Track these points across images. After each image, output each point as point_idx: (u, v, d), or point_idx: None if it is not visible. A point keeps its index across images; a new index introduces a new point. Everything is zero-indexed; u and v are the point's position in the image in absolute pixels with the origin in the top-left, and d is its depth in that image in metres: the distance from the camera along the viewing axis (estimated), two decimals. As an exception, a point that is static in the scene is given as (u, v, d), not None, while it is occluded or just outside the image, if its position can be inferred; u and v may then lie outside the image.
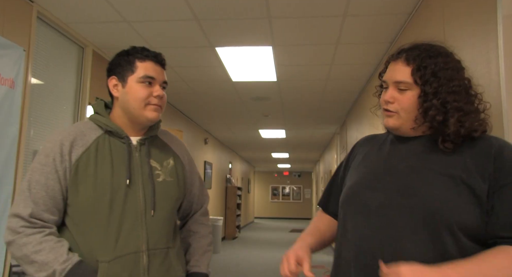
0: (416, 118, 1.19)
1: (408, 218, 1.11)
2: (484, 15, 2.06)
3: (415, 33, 3.25)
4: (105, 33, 3.86)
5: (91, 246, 1.36)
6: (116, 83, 1.50)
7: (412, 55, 1.21)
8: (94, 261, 1.35)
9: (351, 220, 1.23)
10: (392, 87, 1.23)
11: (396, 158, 1.24)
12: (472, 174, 1.11)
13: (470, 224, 1.07)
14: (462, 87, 1.18)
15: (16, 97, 2.95)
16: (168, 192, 1.53)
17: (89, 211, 1.38)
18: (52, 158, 1.38)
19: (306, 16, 3.45)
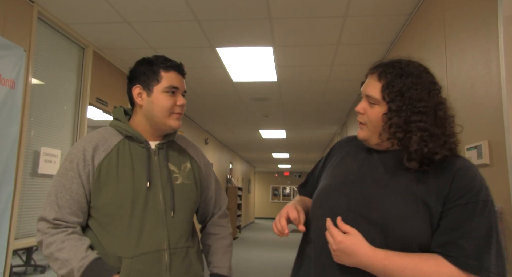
0: (380, 134, 1.25)
1: (366, 227, 1.18)
2: (484, 15, 2.06)
3: (416, 34, 3.24)
4: (106, 34, 3.86)
5: (114, 244, 1.43)
6: (140, 92, 1.56)
7: (385, 72, 1.25)
8: (117, 258, 1.41)
9: (317, 220, 1.31)
10: (364, 100, 1.29)
11: (368, 168, 1.29)
12: (431, 194, 1.16)
13: (422, 240, 1.14)
14: (430, 108, 1.20)
15: (16, 97, 2.95)
16: (186, 194, 1.59)
17: (112, 212, 1.45)
18: (76, 163, 1.47)
19: (306, 16, 3.45)
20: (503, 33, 1.86)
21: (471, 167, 1.20)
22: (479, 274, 1.07)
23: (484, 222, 1.11)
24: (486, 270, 1.07)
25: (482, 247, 1.09)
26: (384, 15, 3.39)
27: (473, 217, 1.11)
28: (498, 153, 1.91)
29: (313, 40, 3.98)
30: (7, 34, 2.92)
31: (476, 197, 1.13)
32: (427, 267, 1.10)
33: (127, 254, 1.42)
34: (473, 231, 1.10)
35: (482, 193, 1.14)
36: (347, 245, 1.15)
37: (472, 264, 1.08)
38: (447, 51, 2.54)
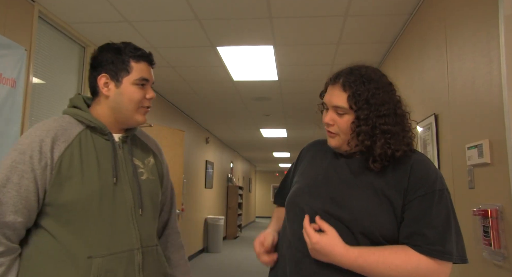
0: (349, 142, 1.30)
1: (335, 224, 1.24)
2: (485, 14, 2.06)
3: (417, 33, 3.24)
4: (106, 33, 3.87)
5: (80, 244, 1.31)
6: (107, 82, 1.44)
7: (348, 81, 1.29)
8: (85, 258, 1.30)
9: (290, 222, 1.37)
10: (331, 111, 1.33)
11: (334, 170, 1.36)
12: (392, 188, 1.25)
13: (387, 232, 1.22)
14: (391, 110, 1.27)
15: (17, 96, 2.95)
16: (152, 190, 1.52)
17: (78, 210, 1.32)
18: (29, 155, 1.30)
19: (307, 15, 3.45)
20: (503, 32, 1.86)
21: (425, 160, 1.30)
22: (443, 258, 1.17)
23: (442, 209, 1.21)
24: (449, 253, 1.17)
25: (443, 233, 1.19)
26: (385, 14, 3.39)
27: (432, 206, 1.21)
28: (499, 152, 1.91)
29: (314, 39, 3.98)
30: (8, 33, 2.93)
31: (432, 187, 1.22)
32: (397, 260, 1.17)
33: (99, 253, 1.31)
34: (434, 220, 1.19)
35: (437, 182, 1.24)
36: (322, 246, 1.19)
37: (437, 249, 1.17)
38: (448, 51, 2.54)
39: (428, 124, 2.84)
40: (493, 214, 1.89)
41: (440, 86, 2.66)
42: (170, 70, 5.00)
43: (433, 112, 2.77)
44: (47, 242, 1.32)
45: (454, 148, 2.43)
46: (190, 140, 8.09)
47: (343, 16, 3.44)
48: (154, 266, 1.46)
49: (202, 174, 9.29)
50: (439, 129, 2.69)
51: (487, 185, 2.04)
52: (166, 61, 4.64)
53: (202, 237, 9.55)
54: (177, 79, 5.42)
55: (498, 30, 1.91)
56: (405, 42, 3.59)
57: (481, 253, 2.03)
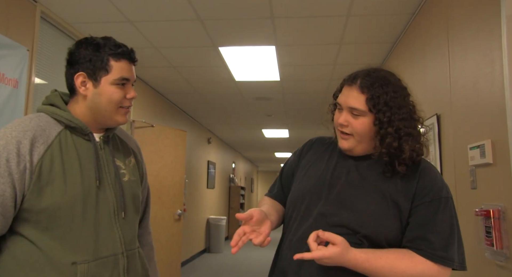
0: (375, 146, 1.28)
1: (340, 225, 1.25)
2: (487, 14, 2.05)
3: (419, 33, 3.24)
4: (108, 33, 3.83)
5: (63, 250, 1.25)
6: (84, 81, 1.37)
7: (366, 83, 1.27)
8: (69, 264, 1.24)
9: (294, 222, 1.36)
10: (346, 112, 1.31)
11: (341, 171, 1.35)
12: (400, 193, 1.25)
13: (392, 236, 1.23)
14: (409, 113, 1.29)
15: (19, 97, 2.96)
16: (134, 192, 1.47)
17: (61, 215, 1.25)
18: (5, 158, 1.20)
19: (309, 16, 3.45)
20: (506, 33, 1.86)
21: (432, 168, 1.32)
22: (446, 264, 1.19)
23: (447, 216, 1.23)
24: (451, 260, 1.19)
25: (446, 240, 1.21)
26: (387, 14, 3.39)
27: (437, 213, 1.22)
28: (501, 152, 1.91)
29: (316, 40, 3.98)
30: (10, 34, 2.93)
31: (439, 194, 1.24)
32: (403, 265, 1.19)
33: (83, 259, 1.26)
34: (438, 226, 1.21)
35: (443, 190, 1.26)
36: (330, 260, 1.17)
37: (440, 255, 1.19)
38: (450, 51, 2.54)
39: (430, 124, 2.83)
40: (495, 214, 1.89)
41: (442, 86, 2.66)
42: (172, 70, 5.00)
43: (435, 112, 2.76)
44: (25, 249, 1.24)
45: (456, 148, 2.42)
46: (192, 140, 8.10)
47: (345, 16, 3.44)
48: (137, 269, 1.43)
49: (204, 174, 9.30)
50: (441, 129, 2.68)
51: (489, 185, 2.04)
52: (168, 61, 4.64)
53: (204, 237, 9.56)
54: (179, 80, 5.42)
55: (500, 30, 1.90)
56: (407, 42, 3.59)
57: (483, 254, 2.02)
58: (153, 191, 5.22)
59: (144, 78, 5.41)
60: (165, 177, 5.47)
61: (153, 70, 5.06)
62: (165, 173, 5.47)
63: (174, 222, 5.59)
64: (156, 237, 5.14)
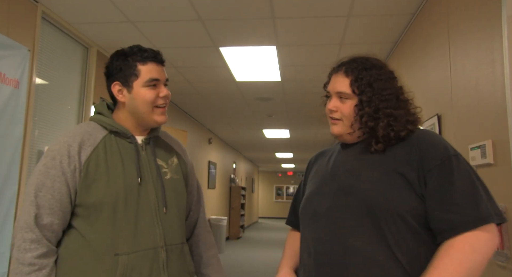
0: (352, 125, 1.32)
1: (351, 216, 1.22)
2: (488, 15, 2.05)
3: (420, 34, 3.24)
4: (110, 34, 3.87)
5: (106, 242, 1.37)
6: (120, 89, 1.50)
7: (351, 67, 1.34)
8: (111, 255, 1.36)
9: (306, 227, 1.35)
10: (334, 97, 1.36)
11: (339, 163, 1.36)
12: (402, 163, 1.22)
13: (409, 209, 1.17)
14: (393, 95, 1.31)
15: (20, 97, 2.96)
16: (177, 189, 1.56)
17: (105, 209, 1.38)
18: (59, 160, 1.38)
19: (310, 16, 3.45)
20: (507, 33, 1.85)
21: (429, 132, 1.31)
22: (485, 223, 1.11)
23: (463, 173, 1.18)
24: (488, 216, 1.12)
25: (473, 197, 1.15)
26: (388, 14, 3.38)
27: (452, 173, 1.18)
28: (502, 153, 1.91)
29: (316, 40, 3.98)
30: (11, 34, 2.94)
31: (446, 153, 1.21)
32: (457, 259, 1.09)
33: (124, 250, 1.37)
34: (459, 185, 1.16)
35: (449, 148, 1.23)
36: None
37: (474, 218, 1.12)
38: (451, 51, 2.54)
39: (431, 124, 2.83)
40: (496, 215, 1.89)
41: (443, 86, 2.66)
42: (173, 70, 5.00)
43: (436, 112, 2.76)
44: (77, 241, 1.39)
45: (457, 148, 2.39)
46: (193, 140, 8.10)
47: (346, 16, 3.44)
48: (178, 264, 1.50)
49: (205, 174, 9.30)
50: (442, 129, 2.68)
51: (490, 186, 2.02)
52: (169, 61, 4.64)
53: (205, 237, 9.55)
54: (180, 80, 5.42)
55: (501, 30, 1.90)
56: (408, 43, 3.58)
57: (484, 254, 2.02)
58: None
59: (145, 79, 5.41)
60: (166, 177, 5.46)
61: (154, 71, 5.05)
62: (166, 173, 5.47)
63: (175, 222, 5.58)
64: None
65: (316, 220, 1.29)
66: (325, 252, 1.23)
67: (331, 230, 1.24)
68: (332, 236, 1.23)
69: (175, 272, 1.47)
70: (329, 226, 1.25)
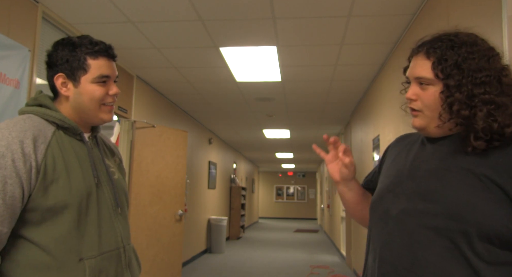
0: (441, 115, 1.09)
1: (426, 225, 1.05)
2: (488, 15, 2.05)
3: (420, 34, 3.24)
4: (110, 34, 3.87)
5: (70, 248, 1.25)
6: (64, 81, 1.36)
7: (433, 47, 1.12)
8: (76, 261, 1.25)
9: (375, 227, 1.20)
10: (414, 84, 1.15)
11: (420, 161, 1.16)
12: (503, 174, 1.00)
13: (503, 229, 0.97)
14: (493, 77, 1.05)
15: (21, 97, 2.96)
16: (123, 189, 1.53)
17: (66, 212, 1.26)
18: (11, 159, 1.18)
19: (310, 16, 3.45)
20: (507, 33, 1.85)
21: None
22: None
23: None
24: None
25: None
26: (388, 14, 3.39)
27: None
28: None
29: (317, 40, 3.98)
30: (11, 34, 2.94)
31: None
32: None
33: (90, 253, 1.29)
34: None
35: None
36: None
37: None
38: (451, 51, 2.53)
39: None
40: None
41: (443, 87, 2.65)
42: (173, 70, 5.00)
43: (436, 113, 2.76)
44: (27, 251, 1.22)
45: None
46: (193, 140, 8.10)
47: (346, 16, 3.44)
48: (135, 263, 1.49)
49: (205, 174, 9.30)
50: (442, 130, 2.67)
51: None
52: (169, 61, 4.65)
53: (205, 237, 9.56)
54: (180, 80, 5.43)
55: (502, 31, 1.90)
56: (408, 43, 3.58)
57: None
58: (154, 192, 5.22)
59: (145, 79, 5.42)
60: (166, 177, 5.47)
61: (154, 71, 5.06)
62: (166, 173, 5.48)
63: (175, 223, 5.59)
64: (157, 237, 5.14)
65: (386, 221, 1.14)
66: (391, 261, 1.10)
67: (402, 237, 1.09)
68: (402, 245, 1.08)
69: (134, 271, 1.47)
70: (400, 232, 1.10)
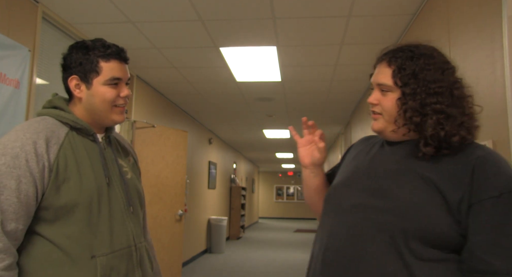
0: (396, 120, 1.19)
1: (372, 220, 1.12)
2: (488, 15, 2.05)
3: (420, 34, 3.24)
4: (110, 34, 3.87)
5: (83, 245, 1.30)
6: (78, 83, 1.42)
7: (395, 57, 1.20)
8: (88, 259, 1.29)
9: (326, 217, 1.26)
10: (376, 90, 1.24)
11: (378, 161, 1.25)
12: (446, 180, 1.08)
13: (438, 231, 1.06)
14: (446, 88, 1.14)
15: (21, 97, 2.96)
16: (137, 188, 1.55)
17: (77, 211, 1.30)
18: (25, 159, 1.24)
19: (310, 16, 3.45)
20: (507, 33, 1.85)
21: (495, 154, 1.11)
22: None
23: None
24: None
25: None
26: (388, 14, 3.39)
27: (509, 213, 1.02)
28: (503, 153, 1.91)
29: (317, 40, 3.98)
30: (11, 34, 2.94)
31: (508, 186, 1.03)
32: None
33: (101, 252, 1.32)
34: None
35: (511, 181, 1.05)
36: None
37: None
38: (451, 51, 2.54)
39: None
40: (497, 215, 1.88)
41: (444, 87, 2.65)
42: (173, 70, 5.00)
43: (436, 113, 2.76)
44: (42, 248, 1.28)
45: (458, 149, 2.41)
46: (193, 140, 8.10)
47: (346, 16, 3.44)
48: (147, 261, 1.50)
49: (205, 174, 9.30)
50: (443, 130, 2.68)
51: (490, 186, 2.03)
52: (169, 61, 4.65)
53: (205, 237, 9.56)
54: (180, 80, 5.43)
55: (502, 31, 1.90)
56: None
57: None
58: (155, 191, 5.22)
59: (145, 79, 5.42)
60: (166, 177, 5.47)
61: (155, 71, 5.06)
62: (166, 173, 5.48)
63: (175, 222, 5.59)
64: (157, 237, 5.14)
65: (337, 213, 1.21)
66: (335, 250, 1.16)
67: (348, 228, 1.15)
68: (347, 235, 1.15)
69: (146, 269, 1.48)
70: (348, 224, 1.16)
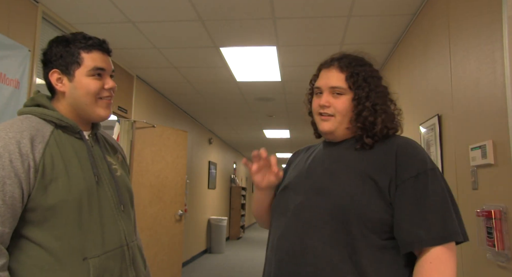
0: (351, 120, 1.31)
1: (318, 216, 1.22)
2: (489, 15, 2.05)
3: (420, 34, 3.24)
4: (110, 34, 3.87)
5: (74, 247, 1.25)
6: (59, 77, 1.37)
7: (345, 63, 1.34)
8: (80, 261, 1.25)
9: (275, 221, 1.35)
10: (326, 93, 1.34)
11: (317, 162, 1.36)
12: (376, 169, 1.22)
13: (376, 217, 1.18)
14: (384, 93, 1.34)
15: (21, 97, 2.96)
16: (126, 186, 1.51)
17: (67, 211, 1.25)
18: (8, 159, 1.18)
19: (310, 16, 3.45)
20: (507, 33, 1.85)
21: (411, 141, 1.29)
22: (449, 240, 1.14)
23: (438, 189, 1.18)
24: (455, 234, 1.15)
25: (443, 214, 1.16)
26: (388, 14, 3.38)
27: (427, 187, 1.17)
28: (503, 153, 1.91)
29: (317, 40, 3.98)
30: (11, 34, 2.94)
31: (424, 166, 1.20)
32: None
33: (93, 253, 1.27)
34: (431, 201, 1.16)
35: (428, 162, 1.22)
36: None
37: (442, 236, 1.14)
38: (452, 51, 2.53)
39: (431, 125, 2.83)
40: (497, 215, 1.89)
41: (444, 87, 2.66)
42: (173, 70, 5.00)
43: (436, 113, 2.76)
44: (31, 252, 1.22)
45: (458, 149, 2.42)
46: (193, 140, 8.10)
47: (346, 16, 3.43)
48: (140, 260, 1.47)
49: (205, 174, 9.30)
50: (443, 130, 2.68)
51: (490, 186, 2.04)
52: (169, 61, 4.65)
53: (205, 237, 9.56)
54: (180, 80, 5.42)
55: (502, 30, 1.90)
56: (409, 43, 3.58)
57: (485, 254, 2.02)
58: (154, 191, 5.22)
59: (145, 79, 5.42)
60: (166, 177, 5.47)
61: (155, 71, 5.06)
62: (166, 173, 5.48)
63: (175, 223, 5.59)
64: (157, 237, 5.14)
65: (285, 215, 1.30)
66: (285, 249, 1.24)
67: (296, 227, 1.24)
68: (295, 234, 1.24)
69: (139, 268, 1.44)
70: (294, 223, 1.25)
